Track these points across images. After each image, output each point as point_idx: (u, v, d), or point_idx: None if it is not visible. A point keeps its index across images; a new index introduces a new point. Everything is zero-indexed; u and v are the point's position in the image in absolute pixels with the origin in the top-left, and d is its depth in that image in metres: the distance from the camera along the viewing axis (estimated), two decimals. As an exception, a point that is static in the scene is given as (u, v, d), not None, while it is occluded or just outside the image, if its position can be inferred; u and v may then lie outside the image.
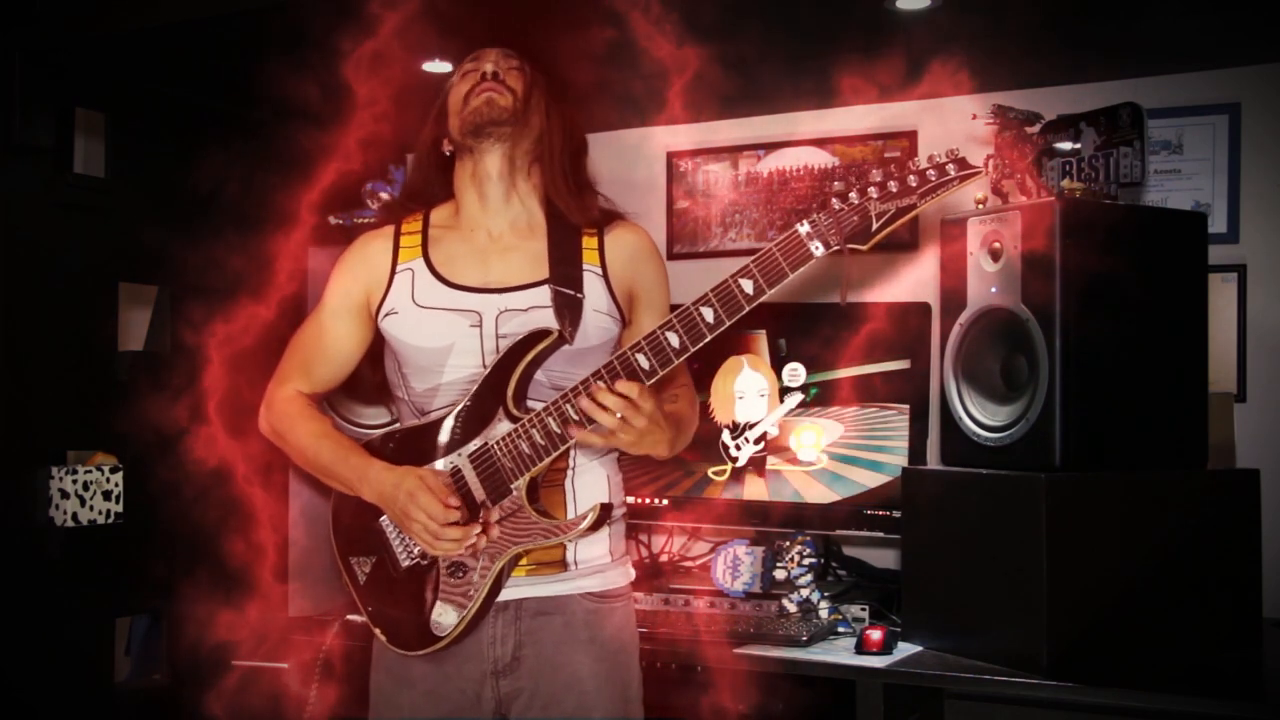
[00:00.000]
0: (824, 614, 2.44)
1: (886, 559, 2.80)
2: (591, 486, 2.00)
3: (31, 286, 2.49)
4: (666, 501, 2.83)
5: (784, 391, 2.74)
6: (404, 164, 2.22)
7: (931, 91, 2.53)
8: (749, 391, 2.77)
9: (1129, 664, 2.12)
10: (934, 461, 2.61)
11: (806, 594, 2.48)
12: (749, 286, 1.79)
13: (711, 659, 2.31)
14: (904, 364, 2.63)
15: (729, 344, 2.74)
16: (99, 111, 2.68)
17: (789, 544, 2.54)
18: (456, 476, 1.92)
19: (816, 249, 1.78)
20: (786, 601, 2.50)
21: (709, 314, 1.80)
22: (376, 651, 2.04)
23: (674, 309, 1.84)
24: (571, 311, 1.94)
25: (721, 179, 3.16)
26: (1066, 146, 2.37)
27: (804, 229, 1.79)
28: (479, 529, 1.88)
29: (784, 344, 2.75)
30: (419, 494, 1.86)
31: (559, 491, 1.97)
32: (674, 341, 1.81)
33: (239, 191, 2.78)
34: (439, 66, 2.51)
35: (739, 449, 2.77)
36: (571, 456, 1.98)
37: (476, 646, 1.95)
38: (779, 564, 2.54)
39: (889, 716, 2.17)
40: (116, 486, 2.56)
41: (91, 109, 2.67)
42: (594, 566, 1.99)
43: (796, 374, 2.74)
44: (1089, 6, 2.31)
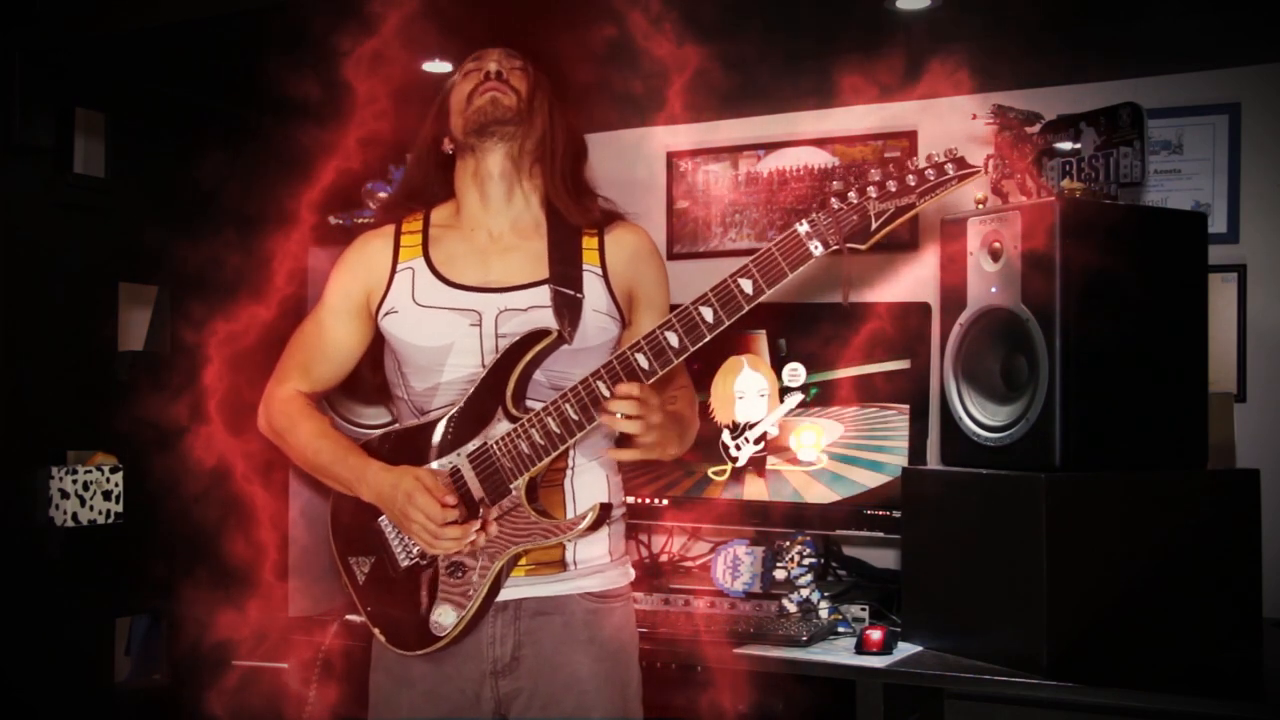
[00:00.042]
0: (824, 614, 2.44)
1: (886, 559, 2.80)
2: (591, 486, 2.00)
3: (31, 286, 2.49)
4: (666, 501, 2.83)
5: (784, 391, 2.74)
6: (404, 163, 2.22)
7: (931, 91, 2.53)
8: (749, 391, 2.77)
9: (1129, 664, 2.12)
10: (934, 461, 2.61)
11: (806, 594, 2.48)
12: (748, 286, 1.79)
13: (711, 659, 2.31)
14: (904, 364, 2.63)
15: (729, 344, 2.74)
16: (99, 111, 2.68)
17: (789, 544, 2.54)
18: (455, 476, 1.92)
19: (816, 249, 1.78)
20: (786, 601, 2.50)
21: (708, 314, 1.80)
22: (376, 651, 2.04)
23: (673, 309, 1.84)
24: (571, 311, 1.94)
25: (721, 179, 3.16)
26: (1066, 146, 2.37)
27: (803, 229, 1.78)
28: (478, 526, 1.88)
29: (784, 344, 2.75)
30: (417, 494, 1.86)
31: (558, 491, 1.97)
32: (673, 341, 1.81)
33: (239, 191, 2.78)
34: (439, 66, 2.51)
35: (739, 449, 2.77)
36: (571, 456, 1.97)
37: (476, 646, 1.95)
38: (779, 564, 2.54)
39: (889, 716, 2.17)
40: (116, 486, 2.56)
41: (91, 109, 2.67)
42: (593, 566, 1.99)
43: (796, 374, 2.74)
44: (1089, 6, 2.31)
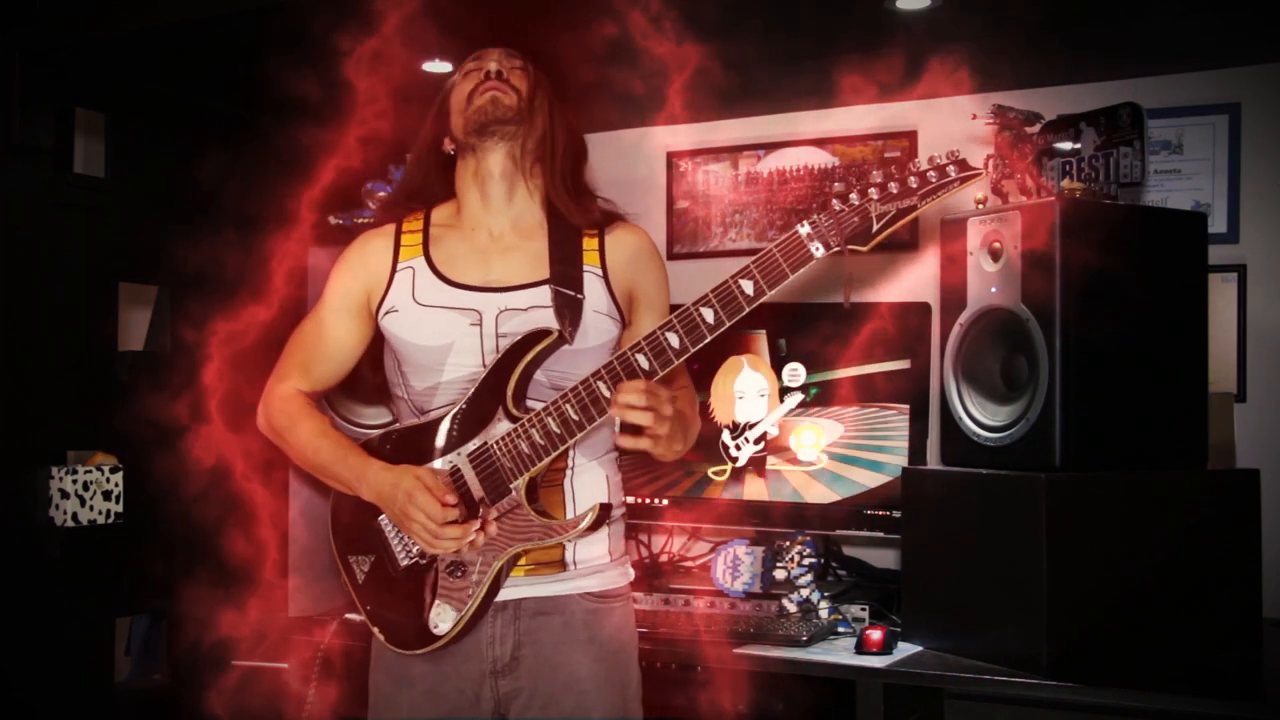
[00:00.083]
0: (824, 614, 2.44)
1: (886, 559, 2.80)
2: (591, 486, 1.99)
3: (31, 286, 2.49)
4: (666, 501, 2.83)
5: (784, 391, 2.74)
6: (404, 163, 2.22)
7: (931, 91, 2.52)
8: (749, 391, 2.77)
9: (1129, 664, 2.12)
10: (934, 461, 2.61)
11: (806, 594, 2.48)
12: (749, 287, 1.78)
13: (711, 659, 2.31)
14: (904, 364, 2.63)
15: (729, 344, 2.74)
16: (99, 111, 2.68)
17: (789, 544, 2.54)
18: (455, 476, 1.92)
19: (817, 250, 1.78)
20: (786, 601, 2.50)
21: (709, 314, 1.80)
22: (375, 651, 2.04)
23: (674, 309, 1.83)
24: (571, 312, 1.94)
25: (721, 179, 3.16)
26: (1066, 146, 2.37)
27: (804, 230, 1.78)
28: (478, 526, 1.88)
29: (784, 344, 2.75)
30: (417, 493, 1.86)
31: (558, 491, 1.97)
32: (674, 342, 1.81)
33: (239, 191, 2.78)
34: (439, 66, 2.51)
35: (739, 449, 2.77)
36: (570, 457, 1.97)
37: (475, 646, 1.95)
38: (779, 564, 2.54)
39: (889, 716, 2.17)
40: (116, 486, 2.56)
41: (91, 109, 2.67)
42: (593, 566, 1.99)
43: (796, 374, 2.74)
44: (1089, 6, 2.31)
